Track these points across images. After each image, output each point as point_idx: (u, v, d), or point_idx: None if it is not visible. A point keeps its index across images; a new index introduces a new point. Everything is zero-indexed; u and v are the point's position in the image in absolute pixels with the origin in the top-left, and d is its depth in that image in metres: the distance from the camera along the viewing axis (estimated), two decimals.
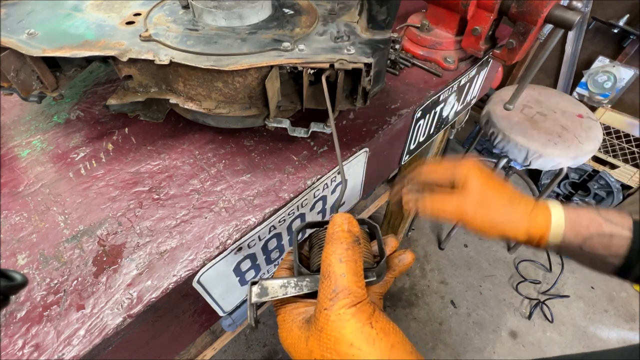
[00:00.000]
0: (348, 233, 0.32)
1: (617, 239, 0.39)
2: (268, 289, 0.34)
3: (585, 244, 0.40)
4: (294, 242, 0.37)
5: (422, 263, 1.87)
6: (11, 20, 0.49)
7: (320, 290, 0.30)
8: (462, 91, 0.82)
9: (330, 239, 0.32)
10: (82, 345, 0.36)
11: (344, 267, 0.30)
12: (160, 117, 0.56)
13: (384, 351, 0.27)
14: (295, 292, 0.33)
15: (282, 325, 0.33)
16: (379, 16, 0.49)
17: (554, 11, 0.58)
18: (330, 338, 0.28)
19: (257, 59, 0.44)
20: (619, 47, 1.76)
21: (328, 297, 0.29)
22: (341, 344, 0.27)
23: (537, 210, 0.43)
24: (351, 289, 0.29)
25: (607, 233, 0.40)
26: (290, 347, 0.32)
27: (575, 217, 0.42)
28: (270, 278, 0.35)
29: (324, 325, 0.28)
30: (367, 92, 0.48)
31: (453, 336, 1.62)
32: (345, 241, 0.31)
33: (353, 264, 0.30)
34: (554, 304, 1.71)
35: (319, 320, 0.29)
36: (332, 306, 0.28)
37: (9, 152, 0.55)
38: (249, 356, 1.54)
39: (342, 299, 0.28)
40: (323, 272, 0.31)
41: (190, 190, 0.50)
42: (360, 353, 0.27)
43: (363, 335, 0.27)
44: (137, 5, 0.54)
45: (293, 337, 0.31)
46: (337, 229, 0.32)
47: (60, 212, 0.47)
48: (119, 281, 0.41)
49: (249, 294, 0.34)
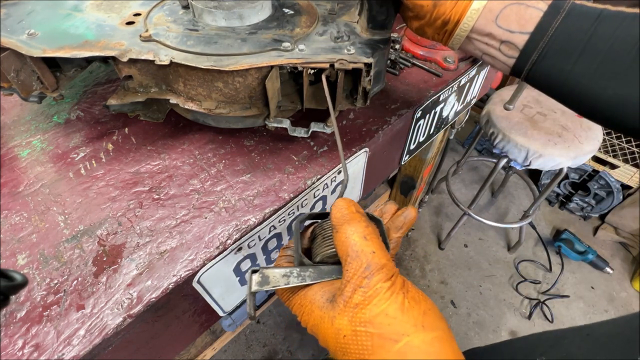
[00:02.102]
0: (359, 213, 0.33)
1: (531, 10, 0.37)
2: (269, 278, 0.33)
3: (502, 13, 0.38)
4: (296, 231, 0.37)
5: (422, 263, 1.87)
6: (11, 21, 0.49)
7: (349, 271, 0.30)
8: (462, 91, 0.82)
9: (344, 221, 0.32)
10: (82, 345, 0.36)
11: (371, 245, 0.30)
12: (161, 117, 0.56)
13: (417, 318, 0.28)
14: (297, 282, 0.33)
15: (300, 310, 0.33)
16: (379, 16, 0.49)
17: None
18: (366, 312, 0.28)
19: (258, 59, 0.44)
20: None
21: (362, 275, 0.29)
22: (378, 316, 0.28)
23: None
24: (383, 263, 0.30)
25: (524, 2, 0.37)
26: (314, 328, 0.32)
27: None
28: (272, 267, 0.34)
29: (361, 302, 0.29)
30: (367, 92, 0.48)
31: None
32: (362, 220, 0.32)
33: (377, 240, 0.31)
34: (554, 304, 1.71)
35: (353, 298, 0.29)
36: (369, 283, 0.29)
37: (9, 152, 0.55)
38: (249, 356, 1.54)
39: (376, 275, 0.29)
40: (349, 253, 0.31)
41: (190, 190, 0.50)
42: (395, 322, 0.28)
43: (397, 305, 0.28)
44: (137, 5, 0.54)
45: (315, 318, 0.32)
46: (347, 211, 0.33)
47: (60, 212, 0.47)
48: (119, 281, 0.41)
49: (249, 282, 0.33)
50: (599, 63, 0.34)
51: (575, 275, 1.84)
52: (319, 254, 0.36)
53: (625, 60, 0.32)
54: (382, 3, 0.47)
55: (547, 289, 1.76)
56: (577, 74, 0.35)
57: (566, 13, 0.35)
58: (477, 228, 2.00)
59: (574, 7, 0.36)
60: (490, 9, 0.39)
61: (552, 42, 0.36)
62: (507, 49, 0.39)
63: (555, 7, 0.36)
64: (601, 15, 0.34)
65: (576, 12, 0.35)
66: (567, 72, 0.36)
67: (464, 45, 0.42)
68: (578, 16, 0.35)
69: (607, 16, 0.34)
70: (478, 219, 1.68)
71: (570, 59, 0.35)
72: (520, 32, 0.37)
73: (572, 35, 0.35)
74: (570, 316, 1.69)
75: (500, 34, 0.38)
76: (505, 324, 1.66)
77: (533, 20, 0.37)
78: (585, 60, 0.34)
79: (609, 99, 0.35)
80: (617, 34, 0.33)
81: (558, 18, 0.35)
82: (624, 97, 0.33)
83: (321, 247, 0.36)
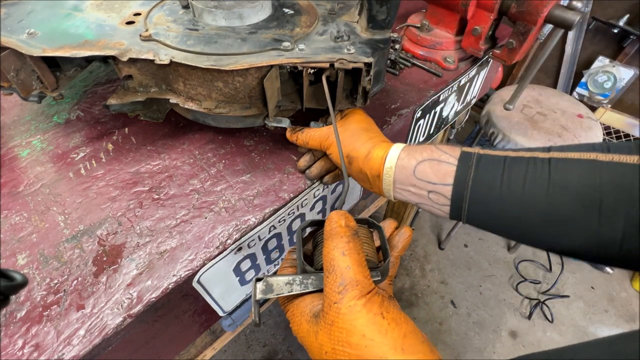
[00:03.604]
0: (346, 227, 0.32)
1: (445, 165, 0.39)
2: (273, 286, 0.34)
3: (417, 169, 0.40)
4: (298, 239, 0.37)
5: (422, 263, 1.87)
6: (11, 20, 0.49)
7: (327, 285, 0.30)
8: (462, 91, 0.82)
9: (329, 235, 0.32)
10: (82, 345, 0.36)
11: (348, 260, 0.30)
12: (160, 117, 0.56)
13: (396, 341, 0.27)
14: (300, 289, 0.33)
15: (292, 319, 0.34)
16: (379, 16, 0.49)
17: (554, 11, 0.58)
18: (342, 331, 0.28)
19: (257, 59, 0.44)
20: (619, 47, 1.76)
21: (336, 290, 0.29)
22: (353, 335, 0.27)
23: (384, 143, 0.45)
24: (358, 279, 0.29)
25: (436, 158, 0.40)
26: (302, 340, 0.32)
27: (413, 147, 0.43)
28: (275, 275, 0.35)
29: (335, 319, 0.28)
30: (367, 92, 0.48)
31: (453, 336, 1.62)
32: (345, 235, 0.32)
33: (356, 256, 0.31)
34: (554, 304, 1.71)
35: (329, 314, 0.29)
36: (342, 299, 0.28)
37: (9, 152, 0.55)
38: (249, 356, 1.54)
39: (350, 291, 0.28)
40: (327, 267, 0.31)
41: (190, 190, 0.50)
42: (373, 344, 0.27)
43: (375, 326, 0.27)
44: (137, 5, 0.54)
45: (303, 331, 0.32)
46: (334, 225, 0.33)
47: (60, 212, 0.47)
48: (119, 281, 0.41)
49: (254, 291, 0.34)
50: (520, 204, 0.35)
51: (575, 275, 1.84)
52: (319, 261, 0.36)
53: (540, 200, 0.34)
54: (382, 3, 0.47)
55: (547, 289, 1.76)
56: (504, 215, 0.37)
57: (475, 165, 0.37)
58: (477, 228, 2.00)
59: (480, 158, 0.38)
60: (405, 166, 0.41)
61: (474, 191, 0.37)
62: (437, 197, 0.40)
63: (464, 159, 0.38)
64: (507, 160, 0.36)
65: (484, 162, 0.37)
66: (496, 215, 0.37)
67: (397, 195, 0.44)
68: (487, 165, 0.37)
69: (513, 160, 0.36)
70: None
71: (494, 204, 0.37)
72: (442, 184, 0.39)
73: (489, 182, 0.37)
74: (570, 316, 1.69)
75: (422, 185, 0.41)
76: (505, 324, 1.66)
77: (449, 173, 0.39)
78: (507, 203, 0.36)
79: (538, 232, 0.36)
80: (527, 177, 0.35)
81: (469, 172, 0.37)
82: (547, 229, 0.35)
83: (322, 255, 0.36)
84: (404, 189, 0.43)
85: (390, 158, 0.42)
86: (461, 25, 0.71)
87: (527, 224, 0.35)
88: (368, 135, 0.47)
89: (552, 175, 0.33)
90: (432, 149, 0.41)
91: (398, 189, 0.43)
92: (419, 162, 0.41)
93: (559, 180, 0.33)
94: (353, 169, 0.46)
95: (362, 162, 0.44)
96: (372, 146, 0.45)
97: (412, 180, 0.41)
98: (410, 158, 0.42)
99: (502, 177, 0.36)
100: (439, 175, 0.39)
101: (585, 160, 0.33)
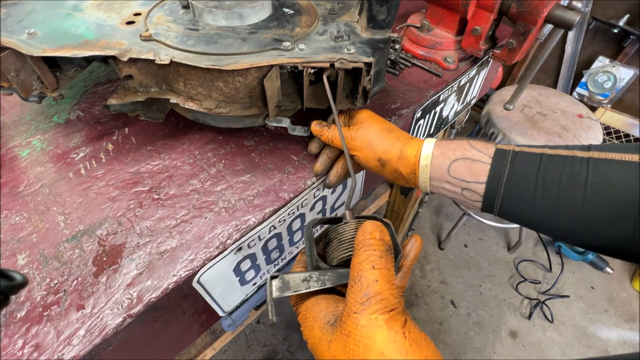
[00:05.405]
0: (380, 241, 0.31)
1: (478, 164, 0.39)
2: (290, 283, 0.32)
3: (451, 168, 0.41)
4: (309, 236, 0.36)
5: (422, 263, 1.87)
6: (11, 20, 0.49)
7: (350, 294, 0.29)
8: (462, 91, 0.82)
9: (362, 246, 0.31)
10: (82, 345, 0.36)
11: (377, 274, 0.29)
12: (161, 117, 0.56)
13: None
14: (317, 286, 0.32)
15: (303, 323, 0.32)
16: (379, 16, 0.49)
17: (554, 11, 0.58)
18: (358, 344, 0.26)
19: (258, 59, 0.44)
20: (619, 47, 1.76)
21: (359, 301, 0.28)
22: (371, 352, 0.26)
23: (412, 140, 0.46)
24: (384, 295, 0.28)
25: (469, 157, 0.40)
26: (312, 347, 0.31)
27: (445, 143, 0.43)
28: (290, 272, 0.34)
29: (352, 330, 0.27)
30: (367, 92, 0.48)
31: (453, 336, 1.62)
32: (378, 249, 0.30)
33: (386, 272, 0.29)
34: (554, 304, 1.71)
35: (347, 324, 0.28)
36: (364, 310, 0.27)
37: (9, 152, 0.55)
38: (249, 356, 1.54)
39: (374, 304, 0.27)
40: (354, 276, 0.29)
41: (190, 190, 0.50)
42: None
43: (396, 346, 0.26)
44: (137, 5, 0.54)
45: (315, 337, 0.31)
46: (368, 237, 0.31)
47: (60, 212, 0.47)
48: (119, 281, 0.41)
49: (269, 289, 0.32)
50: (554, 203, 0.35)
51: (575, 275, 1.84)
52: (335, 257, 0.35)
53: (577, 201, 0.34)
54: (382, 3, 0.47)
55: (547, 289, 1.76)
56: (537, 213, 0.37)
57: (510, 163, 0.38)
58: (477, 228, 2.00)
59: (515, 155, 0.38)
60: (439, 165, 0.42)
61: (507, 189, 0.38)
62: (470, 194, 0.41)
63: (498, 158, 0.39)
64: (543, 158, 0.36)
65: (519, 160, 0.37)
66: (529, 212, 0.37)
67: (432, 190, 0.45)
68: (523, 163, 0.37)
69: (550, 158, 0.36)
70: (478, 219, 1.68)
71: (527, 202, 0.37)
72: (475, 182, 0.40)
73: (523, 182, 0.37)
74: (570, 316, 1.69)
75: (456, 182, 0.41)
76: (505, 324, 1.66)
77: (483, 172, 0.39)
78: (541, 202, 0.36)
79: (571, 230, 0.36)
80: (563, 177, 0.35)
81: (504, 171, 0.38)
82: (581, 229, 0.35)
83: (338, 251, 0.35)
84: (439, 186, 0.44)
85: (424, 156, 0.43)
86: (461, 25, 0.71)
87: (562, 223, 0.35)
88: (393, 135, 0.47)
89: (591, 176, 0.33)
90: (466, 146, 0.41)
91: (434, 185, 0.44)
92: (452, 160, 0.41)
93: (598, 181, 0.33)
94: (387, 170, 0.47)
95: (397, 163, 0.45)
96: (402, 146, 0.45)
97: (447, 177, 0.42)
98: (444, 157, 0.42)
99: (537, 175, 0.36)
100: (473, 174, 0.40)
101: (627, 162, 0.33)
